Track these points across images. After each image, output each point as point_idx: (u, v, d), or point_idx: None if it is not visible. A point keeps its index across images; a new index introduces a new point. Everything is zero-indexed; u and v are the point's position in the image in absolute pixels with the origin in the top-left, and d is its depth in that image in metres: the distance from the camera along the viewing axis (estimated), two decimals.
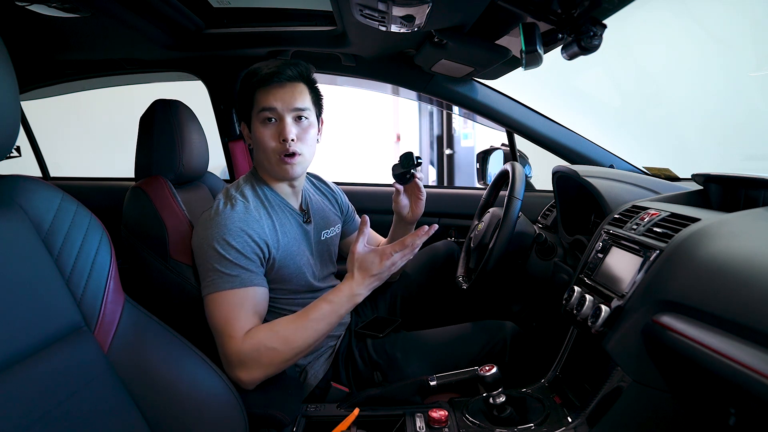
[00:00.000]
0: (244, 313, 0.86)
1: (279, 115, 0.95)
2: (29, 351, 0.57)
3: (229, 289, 0.87)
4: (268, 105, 0.94)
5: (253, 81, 0.95)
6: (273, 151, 0.96)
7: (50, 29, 1.26)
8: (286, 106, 0.95)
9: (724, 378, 0.51)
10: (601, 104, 2.93)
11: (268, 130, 0.96)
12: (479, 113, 1.54)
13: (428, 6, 0.88)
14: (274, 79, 0.94)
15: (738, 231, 0.67)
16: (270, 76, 0.94)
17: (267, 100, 0.94)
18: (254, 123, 0.97)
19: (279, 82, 0.95)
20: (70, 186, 1.70)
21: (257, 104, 0.96)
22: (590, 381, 0.84)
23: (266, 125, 0.96)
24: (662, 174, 1.48)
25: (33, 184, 0.64)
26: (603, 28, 0.87)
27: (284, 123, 0.95)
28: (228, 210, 0.92)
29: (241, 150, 1.69)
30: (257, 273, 0.91)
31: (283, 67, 0.95)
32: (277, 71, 0.94)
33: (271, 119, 0.95)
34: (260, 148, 0.97)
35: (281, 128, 0.95)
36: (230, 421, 0.72)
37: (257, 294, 0.90)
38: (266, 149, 0.96)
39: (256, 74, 0.95)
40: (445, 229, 1.74)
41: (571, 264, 1.15)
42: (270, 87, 0.95)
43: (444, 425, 0.82)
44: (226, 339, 0.84)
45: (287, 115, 0.95)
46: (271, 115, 0.95)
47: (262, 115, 0.95)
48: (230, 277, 0.87)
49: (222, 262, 0.88)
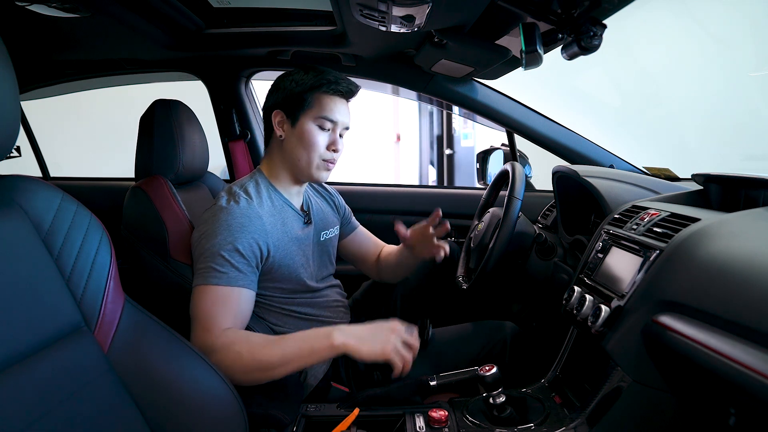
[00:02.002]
0: (225, 311, 0.86)
1: (335, 127, 1.01)
2: (29, 351, 0.57)
3: (215, 285, 0.87)
4: (332, 116, 0.99)
5: (321, 82, 0.98)
6: (320, 156, 1.00)
7: (50, 29, 1.26)
8: (344, 122, 1.01)
9: (724, 378, 0.51)
10: (601, 104, 2.94)
11: (322, 135, 0.99)
12: (479, 113, 1.54)
13: (428, 6, 0.88)
14: (346, 94, 1.01)
15: (738, 231, 0.67)
16: (343, 89, 0.99)
17: (332, 110, 0.99)
18: (306, 122, 0.99)
19: (342, 96, 1.01)
20: (70, 186, 1.70)
21: (320, 107, 0.98)
22: (590, 381, 0.84)
23: (321, 131, 0.99)
24: (662, 174, 1.48)
25: (33, 184, 0.64)
26: (603, 28, 0.87)
27: (336, 135, 1.01)
28: (231, 207, 0.92)
29: (241, 150, 1.69)
30: (247, 274, 0.90)
31: (351, 85, 1.01)
32: (348, 89, 1.00)
33: (328, 129, 1.00)
34: (306, 147, 0.99)
35: (334, 139, 1.01)
36: (230, 420, 0.72)
37: (242, 295, 0.89)
38: (315, 151, 0.99)
39: (326, 78, 0.98)
40: None
41: (571, 264, 1.15)
42: (335, 97, 1.00)
43: (444, 425, 0.82)
44: (201, 330, 0.84)
45: (340, 129, 1.02)
46: (330, 125, 0.99)
47: (321, 120, 0.99)
48: (219, 273, 0.87)
49: (215, 258, 0.88)
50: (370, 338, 0.83)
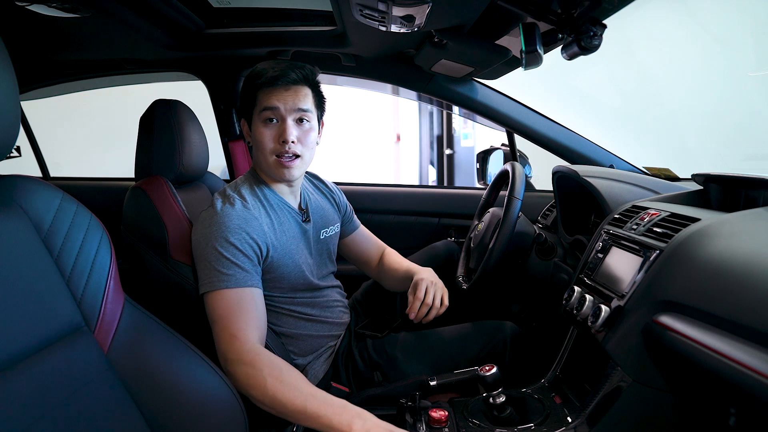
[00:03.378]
0: (246, 317, 0.86)
1: (281, 115, 0.95)
2: (29, 351, 0.57)
3: (225, 288, 0.87)
4: (270, 104, 0.94)
5: (257, 81, 0.95)
6: (271, 152, 0.96)
7: (50, 29, 1.26)
8: (288, 107, 0.95)
9: (724, 378, 0.51)
10: (601, 104, 2.93)
11: (268, 130, 0.96)
12: (479, 113, 1.54)
13: (428, 6, 0.88)
14: (279, 82, 0.94)
15: (738, 231, 0.67)
16: (275, 78, 0.94)
17: (270, 100, 0.94)
18: (255, 122, 0.97)
19: (284, 85, 0.95)
20: (70, 186, 1.70)
21: (259, 103, 0.96)
22: (590, 381, 0.84)
23: (267, 125, 0.96)
24: (662, 174, 1.48)
25: (33, 184, 0.64)
26: (603, 28, 0.87)
27: (285, 124, 0.95)
28: (226, 208, 0.92)
29: (241, 150, 1.69)
30: (252, 273, 0.91)
31: (288, 69, 0.95)
32: (282, 74, 0.94)
33: (273, 119, 0.95)
34: (259, 148, 0.97)
35: (282, 129, 0.95)
36: (230, 420, 0.72)
37: (254, 295, 0.90)
38: (265, 149, 0.96)
39: (261, 75, 0.95)
40: (445, 229, 1.75)
41: (571, 264, 1.15)
42: (274, 88, 0.95)
43: (444, 425, 0.82)
44: (228, 337, 0.84)
45: (289, 116, 0.95)
46: (273, 115, 0.95)
47: (263, 114, 0.95)
48: (227, 276, 0.87)
49: (220, 261, 0.88)
50: None
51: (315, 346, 1.06)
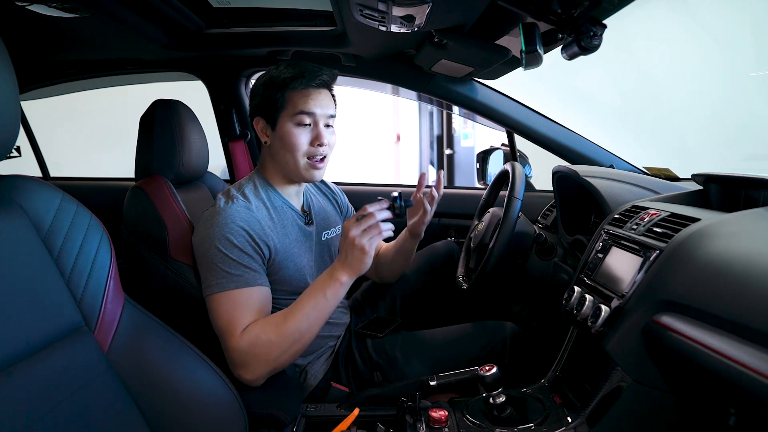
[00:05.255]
0: (248, 313, 0.86)
1: (316, 120, 0.97)
2: (29, 351, 0.57)
3: (233, 289, 0.87)
4: (308, 109, 0.95)
5: (285, 79, 0.95)
6: (304, 154, 0.97)
7: (50, 29, 1.26)
8: (323, 112, 0.97)
9: (724, 378, 0.51)
10: (601, 104, 2.93)
11: (303, 132, 0.97)
12: (479, 113, 1.54)
13: (428, 6, 0.88)
14: (313, 83, 0.96)
15: (738, 231, 0.67)
16: (315, 82, 0.96)
17: (306, 104, 0.95)
18: (285, 123, 0.97)
19: (316, 87, 0.97)
20: (70, 186, 1.70)
21: (292, 105, 0.96)
22: (590, 381, 0.84)
23: (301, 128, 0.97)
24: (662, 174, 1.48)
25: (33, 184, 0.64)
26: (603, 28, 0.87)
27: (320, 128, 0.97)
28: (229, 208, 0.91)
29: (241, 150, 1.69)
30: (260, 272, 0.91)
31: (318, 71, 0.97)
32: (322, 79, 0.97)
33: (308, 123, 0.97)
34: (290, 150, 0.97)
35: (317, 133, 0.97)
36: (230, 420, 0.72)
37: (261, 293, 0.90)
38: (297, 151, 0.97)
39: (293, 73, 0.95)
40: (445, 229, 1.75)
41: (571, 264, 1.15)
42: (308, 90, 0.96)
43: (444, 425, 0.82)
44: (227, 338, 0.85)
45: (322, 121, 0.98)
46: (309, 120, 0.96)
47: (298, 117, 0.96)
48: (234, 276, 0.87)
49: (225, 262, 0.88)
50: (350, 256, 0.85)
51: (315, 346, 1.06)
